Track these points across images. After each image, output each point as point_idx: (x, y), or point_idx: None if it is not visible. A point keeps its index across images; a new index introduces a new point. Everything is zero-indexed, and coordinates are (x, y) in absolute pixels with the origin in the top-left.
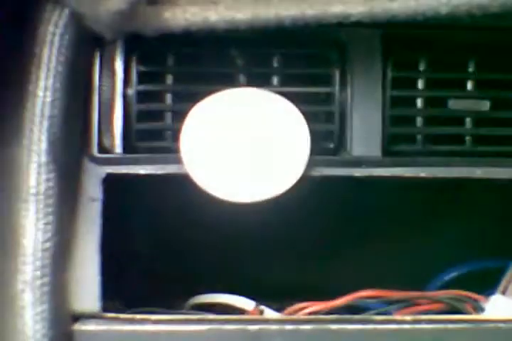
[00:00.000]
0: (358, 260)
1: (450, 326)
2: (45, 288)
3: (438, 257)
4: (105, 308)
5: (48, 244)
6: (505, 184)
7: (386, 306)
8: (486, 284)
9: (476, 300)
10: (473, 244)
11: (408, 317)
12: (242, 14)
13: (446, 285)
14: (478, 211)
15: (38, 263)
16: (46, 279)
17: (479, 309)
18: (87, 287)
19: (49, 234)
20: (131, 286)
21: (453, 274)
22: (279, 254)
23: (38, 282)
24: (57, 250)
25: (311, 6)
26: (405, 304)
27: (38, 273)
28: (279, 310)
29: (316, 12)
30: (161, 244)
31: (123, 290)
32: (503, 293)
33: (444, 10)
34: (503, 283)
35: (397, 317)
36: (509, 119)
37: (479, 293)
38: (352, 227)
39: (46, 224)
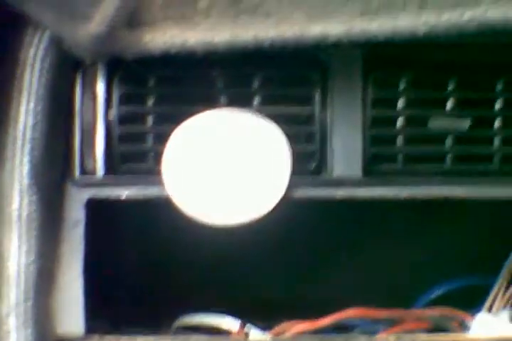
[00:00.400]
0: (345, 278)
1: None
2: (29, 312)
3: (424, 274)
4: (90, 330)
5: (31, 268)
6: (488, 202)
7: (373, 324)
8: (472, 301)
9: (462, 318)
10: (460, 261)
11: (391, 337)
12: (220, 36)
13: (433, 303)
14: (464, 228)
15: (22, 287)
16: (30, 303)
17: (465, 327)
18: (71, 310)
19: (32, 258)
20: (119, 307)
21: (439, 291)
22: (265, 273)
23: (22, 306)
24: (41, 273)
25: (290, 28)
26: (391, 323)
27: (22, 296)
28: (266, 328)
29: (295, 33)
30: (148, 265)
31: (111, 311)
32: (489, 310)
33: (421, 30)
34: (489, 300)
35: (381, 336)
36: (489, 138)
37: (465, 310)
38: (337, 246)
39: (29, 247)
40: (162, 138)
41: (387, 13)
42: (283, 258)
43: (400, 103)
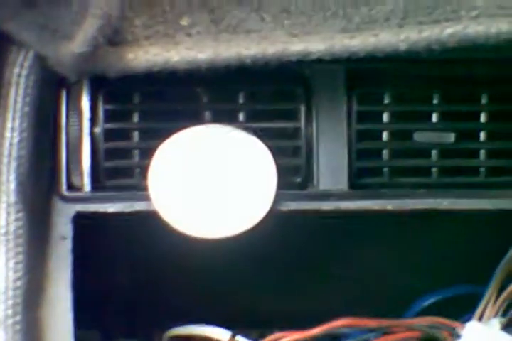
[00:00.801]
0: (334, 288)
1: None
2: (17, 327)
3: (414, 284)
4: None
5: (19, 283)
6: (475, 213)
7: (364, 334)
8: (463, 310)
9: (452, 327)
10: (449, 270)
11: None
12: (203, 54)
13: (424, 312)
14: (452, 238)
15: (10, 302)
16: (18, 317)
17: (456, 336)
18: (59, 324)
19: (20, 273)
20: (109, 319)
21: (430, 301)
22: (254, 285)
23: (10, 320)
24: (29, 288)
25: (272, 45)
26: (382, 332)
27: (10, 311)
28: (257, 339)
29: (277, 50)
30: (138, 278)
31: (100, 324)
32: (480, 319)
33: (402, 46)
34: (480, 309)
35: None
36: (475, 150)
37: (456, 319)
38: (326, 257)
39: (17, 263)
40: (148, 154)
41: (368, 29)
42: (272, 270)
43: (385, 117)
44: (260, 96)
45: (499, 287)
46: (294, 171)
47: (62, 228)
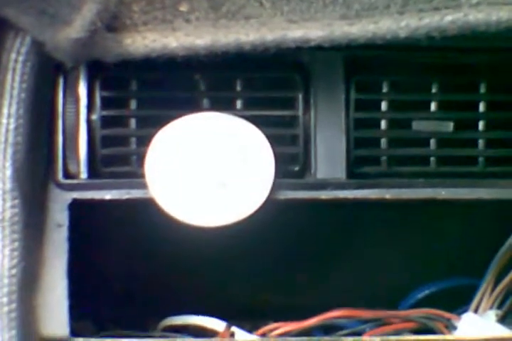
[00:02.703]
0: (330, 279)
1: None
2: (13, 314)
3: (410, 275)
4: (75, 332)
5: (14, 271)
6: (472, 203)
7: (359, 325)
8: (459, 302)
9: (448, 319)
10: (446, 262)
11: (377, 339)
12: (201, 40)
13: (419, 303)
14: (450, 229)
15: (5, 290)
16: (14, 305)
17: (451, 327)
18: (55, 312)
19: (15, 261)
20: (104, 308)
21: (425, 292)
22: (251, 274)
23: (6, 308)
24: (24, 276)
25: (271, 31)
26: (377, 323)
27: (6, 299)
28: (252, 329)
29: (276, 37)
30: (133, 266)
31: (96, 312)
32: (475, 311)
33: (402, 33)
34: (475, 301)
35: (366, 338)
36: (472, 140)
37: (452, 311)
38: (323, 247)
39: (12, 250)
40: (145, 141)
41: (368, 16)
42: (268, 260)
43: (383, 105)
44: (258, 83)
45: (495, 279)
46: (292, 160)
47: (59, 215)
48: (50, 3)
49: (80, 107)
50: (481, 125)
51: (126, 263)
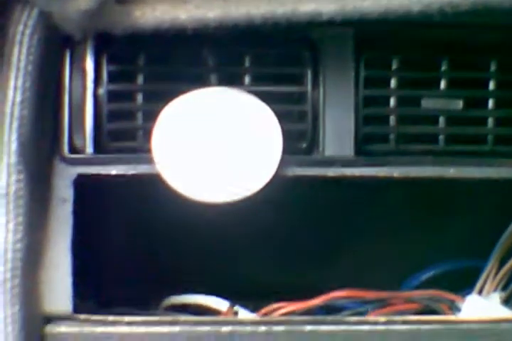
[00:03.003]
0: (335, 259)
1: (423, 327)
2: (16, 290)
3: (414, 256)
4: (78, 309)
5: (18, 245)
6: (480, 183)
7: (362, 306)
8: (463, 284)
9: (452, 300)
10: (450, 243)
11: (382, 318)
12: (212, 13)
13: (423, 285)
14: (455, 210)
15: (9, 265)
16: (17, 281)
17: (455, 309)
18: (58, 288)
19: (20, 235)
20: (107, 286)
21: (429, 274)
22: (255, 254)
23: (9, 284)
24: (28, 251)
25: (282, 5)
26: (381, 304)
27: (9, 274)
28: (255, 310)
29: (287, 10)
30: (136, 245)
31: (99, 290)
32: (480, 293)
33: (415, 8)
34: (480, 282)
35: (371, 318)
36: (482, 118)
37: (456, 292)
38: (328, 227)
39: (17, 225)
40: (152, 116)
41: None
42: (273, 240)
43: (393, 83)
44: (267, 59)
45: (500, 261)
46: (300, 136)
47: (64, 190)
48: None
49: (86, 81)
50: (490, 103)
51: (129, 240)
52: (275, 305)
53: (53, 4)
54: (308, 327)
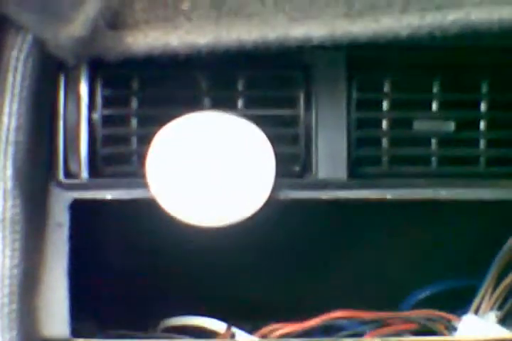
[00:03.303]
0: (331, 279)
1: None
2: (14, 315)
3: (411, 276)
4: (76, 332)
5: (15, 271)
6: (473, 204)
7: (360, 326)
8: (459, 303)
9: (448, 320)
10: (446, 262)
11: (378, 339)
12: (203, 38)
13: (420, 305)
14: (450, 230)
15: (6, 290)
16: (14, 306)
17: (452, 329)
18: (55, 312)
19: (16, 261)
20: (105, 308)
21: (426, 293)
22: (251, 276)
23: (6, 309)
24: (25, 276)
25: (273, 30)
26: (378, 324)
27: (6, 299)
28: (252, 330)
29: (278, 35)
30: (134, 267)
31: (96, 312)
32: (476, 312)
33: (404, 32)
34: (476, 302)
35: (367, 339)
36: (475, 140)
37: (452, 312)
38: (323, 247)
39: (13, 250)
40: (146, 140)
41: (369, 15)
42: (269, 261)
43: (385, 105)
44: (260, 82)
45: (495, 280)
46: (293, 159)
47: (59, 215)
48: (51, 1)
49: (81, 106)
50: (482, 125)
51: (126, 263)
52: (272, 327)
53: (46, 31)
54: None
